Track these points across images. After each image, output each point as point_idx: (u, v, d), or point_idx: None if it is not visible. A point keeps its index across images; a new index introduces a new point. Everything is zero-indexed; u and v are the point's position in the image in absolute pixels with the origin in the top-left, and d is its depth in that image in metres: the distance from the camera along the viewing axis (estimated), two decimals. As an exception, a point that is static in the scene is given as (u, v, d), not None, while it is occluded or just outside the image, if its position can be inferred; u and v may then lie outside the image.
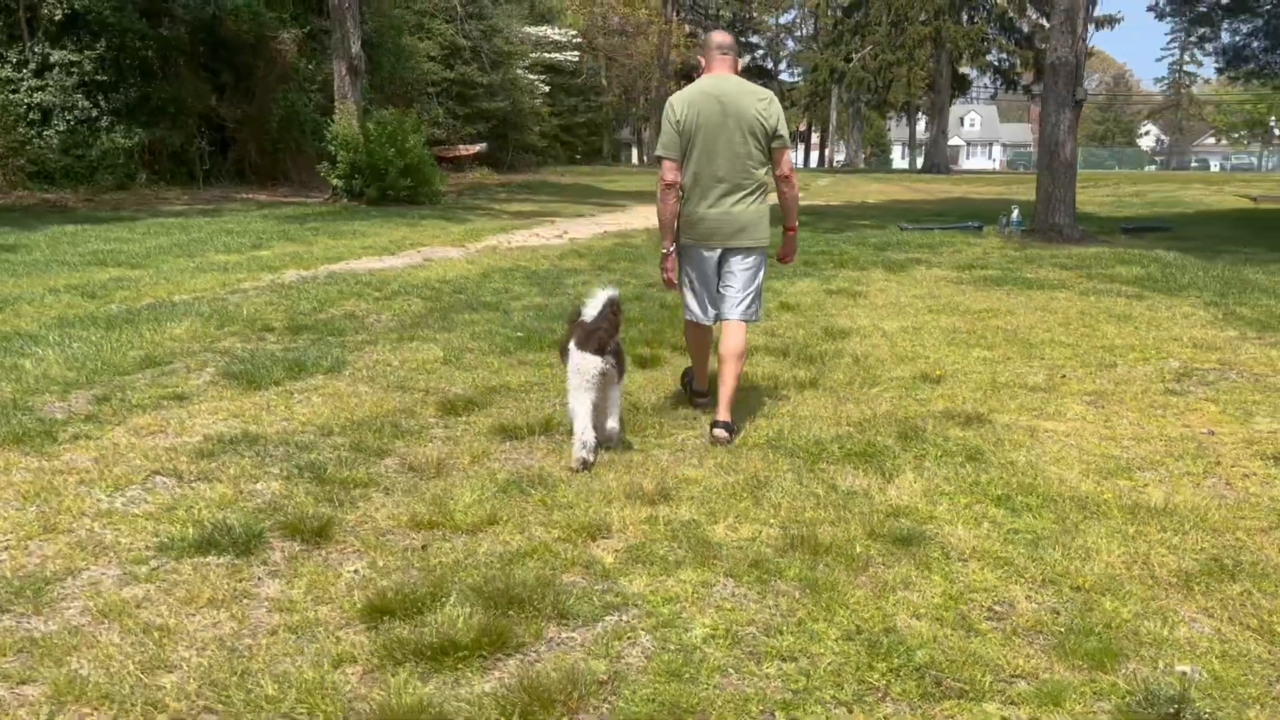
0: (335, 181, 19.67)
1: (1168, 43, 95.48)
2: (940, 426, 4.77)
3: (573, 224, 16.47)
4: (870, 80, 39.96)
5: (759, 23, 71.25)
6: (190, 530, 3.50)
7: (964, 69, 42.75)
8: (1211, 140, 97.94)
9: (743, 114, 4.63)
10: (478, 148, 36.24)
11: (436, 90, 35.80)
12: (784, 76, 72.30)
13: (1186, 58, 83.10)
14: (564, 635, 2.85)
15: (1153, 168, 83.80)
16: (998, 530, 3.54)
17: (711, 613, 2.97)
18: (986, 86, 47.39)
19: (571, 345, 4.36)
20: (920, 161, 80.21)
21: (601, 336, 4.32)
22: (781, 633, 2.84)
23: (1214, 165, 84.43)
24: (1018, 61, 40.36)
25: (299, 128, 23.26)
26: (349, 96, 19.68)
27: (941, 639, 2.79)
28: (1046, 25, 40.22)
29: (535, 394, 5.45)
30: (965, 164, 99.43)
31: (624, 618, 2.95)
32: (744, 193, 4.72)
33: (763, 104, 4.68)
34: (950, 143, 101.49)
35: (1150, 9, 15.29)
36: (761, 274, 4.92)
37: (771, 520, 3.65)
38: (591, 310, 4.42)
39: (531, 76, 42.58)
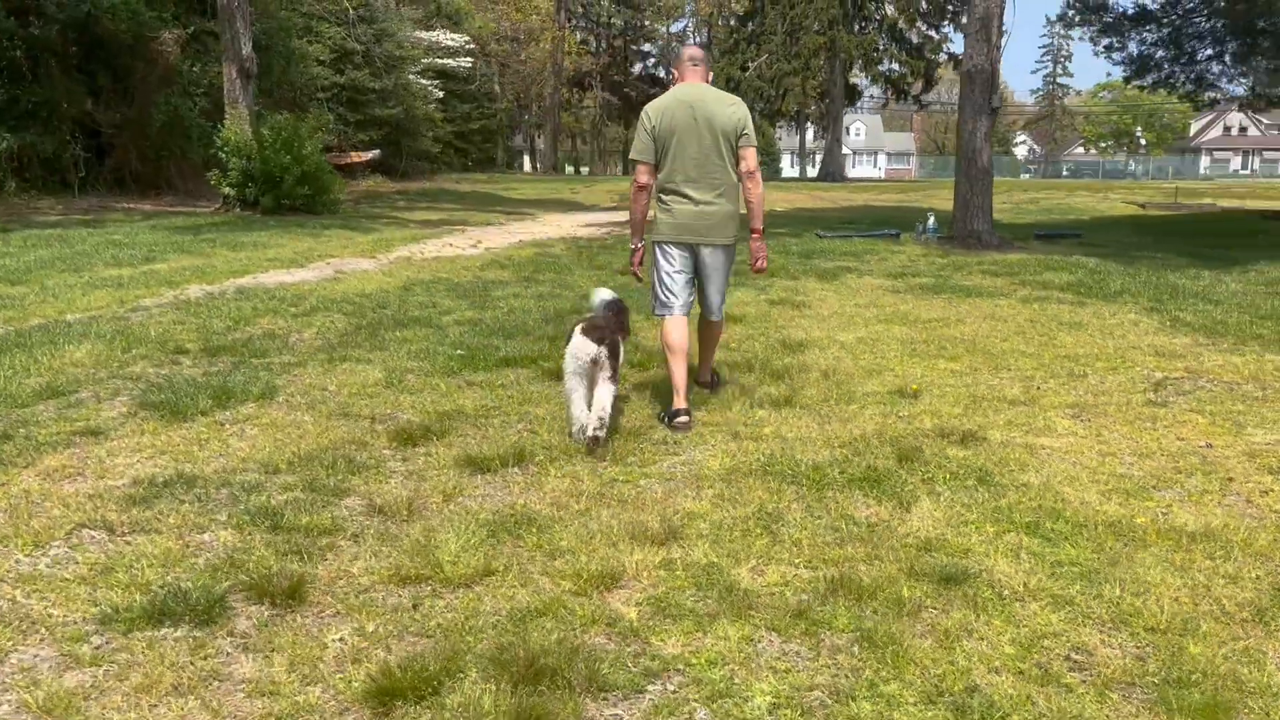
0: (227, 190, 18.66)
1: (1041, 55, 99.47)
2: (937, 446, 4.52)
3: (484, 233, 15.94)
4: (766, 89, 40.33)
5: (651, 31, 71.37)
6: (136, 597, 2.98)
7: (855, 79, 43.51)
8: (1080, 150, 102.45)
9: (713, 119, 4.92)
10: (371, 155, 35.17)
11: (326, 96, 34.64)
12: (676, 85, 72.56)
13: (1059, 70, 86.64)
14: (608, 713, 2.46)
15: (1027, 175, 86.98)
16: (1041, 563, 3.28)
17: (768, 676, 2.61)
18: (874, 96, 48.39)
19: (576, 331, 4.59)
20: (811, 170, 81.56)
21: (602, 329, 4.59)
22: (854, 698, 2.51)
23: (1083, 173, 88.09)
24: (909, 72, 41.26)
25: (184, 133, 22.05)
26: (240, 100, 18.71)
27: (1034, 698, 2.50)
28: (935, 37, 41.33)
29: (495, 419, 5.01)
30: (851, 172, 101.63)
31: (669, 687, 2.57)
32: (716, 192, 5.00)
33: (731, 109, 5.00)
34: (843, 151, 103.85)
35: (1059, 19, 15.65)
36: (727, 267, 5.27)
37: (797, 560, 3.32)
38: (599, 307, 4.97)
39: (424, 82, 41.66)
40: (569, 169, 72.44)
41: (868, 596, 3.02)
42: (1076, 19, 15.01)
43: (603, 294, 5.08)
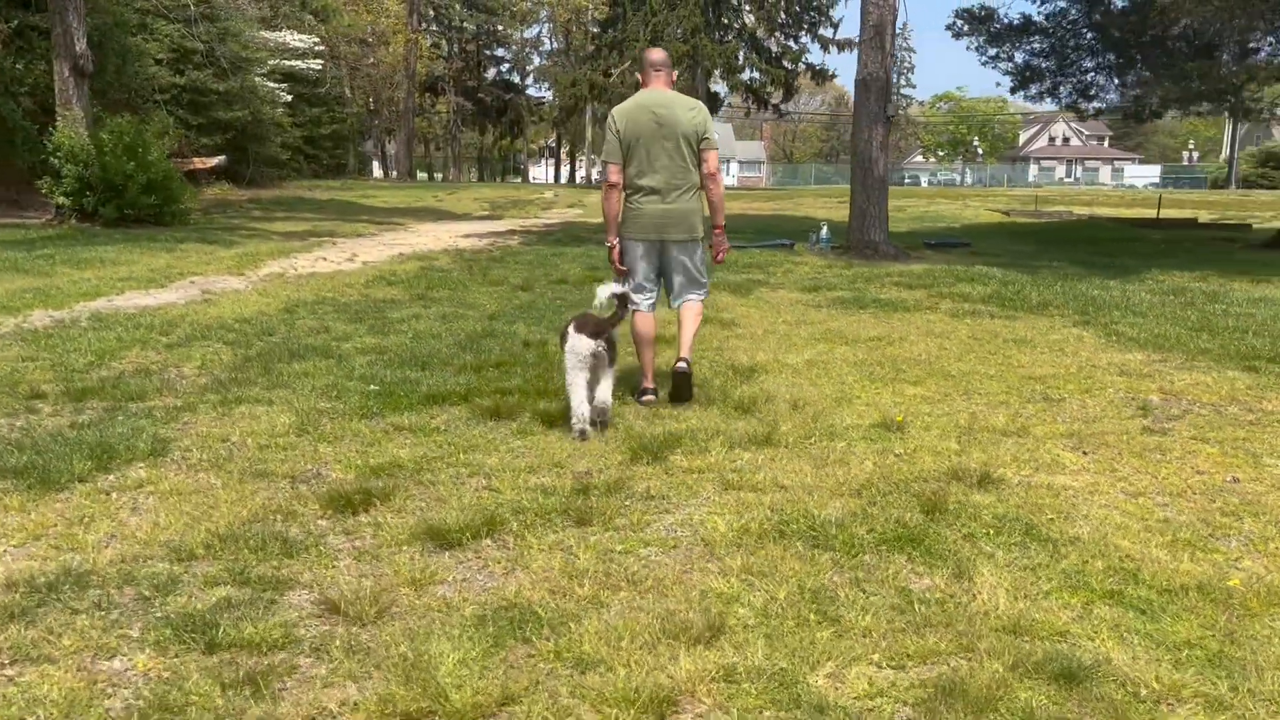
0: (61, 199, 16.95)
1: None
2: (957, 493, 4.04)
3: (357, 245, 14.90)
4: (630, 95, 39.93)
5: (505, 36, 70.25)
6: (37, 777, 2.17)
7: (715, 87, 43.68)
8: (920, 158, 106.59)
9: (676, 122, 5.24)
10: (216, 161, 33.09)
11: (165, 98, 32.39)
12: (531, 91, 71.72)
13: (902, 82, 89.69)
14: None
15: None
16: (1156, 647, 2.81)
17: (922, 843, 2.03)
18: (732, 105, 48.76)
19: (570, 329, 4.87)
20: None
21: (597, 324, 4.89)
22: None
23: (923, 181, 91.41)
24: (769, 81, 41.64)
25: (7, 137, 20.03)
26: (74, 101, 17.06)
27: None
28: (794, 47, 41.90)
29: (442, 474, 4.27)
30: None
31: None
32: (679, 191, 5.32)
33: (693, 113, 5.31)
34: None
35: (948, 28, 15.73)
36: (700, 256, 5.58)
37: (876, 656, 2.75)
38: (597, 303, 5.05)
39: (272, 85, 39.59)
40: (421, 175, 70.60)
41: (985, 709, 2.48)
42: (965, 29, 15.16)
43: (612, 287, 5.11)
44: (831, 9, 40.51)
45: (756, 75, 41.65)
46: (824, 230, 14.27)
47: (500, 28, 69.38)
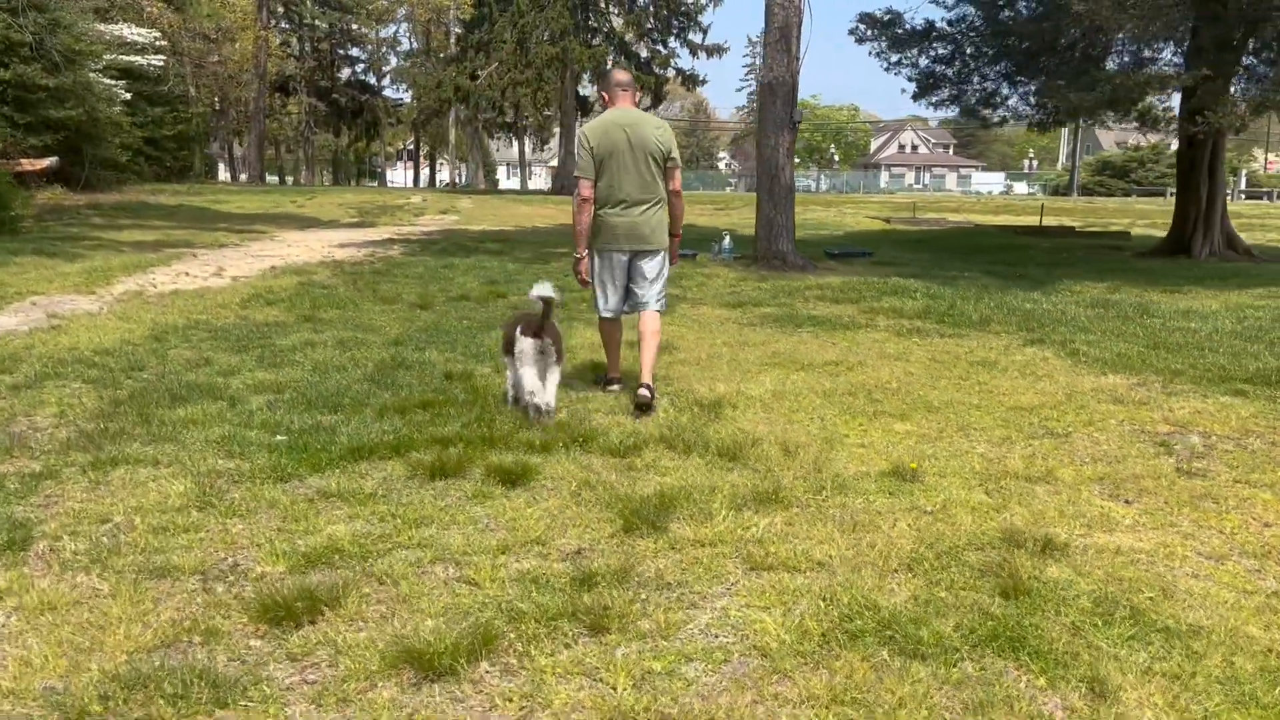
0: None
1: (745, 74, 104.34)
2: (1027, 566, 3.42)
3: (221, 257, 13.55)
4: (497, 99, 38.89)
5: (359, 35, 67.82)
6: None
7: (584, 91, 42.94)
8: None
9: (644, 141, 5.49)
10: (47, 163, 30.38)
11: (-14, 93, 29.62)
12: (388, 92, 69.48)
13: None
14: None
15: (729, 189, 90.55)
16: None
17: None
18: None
19: (518, 333, 5.14)
20: (534, 182, 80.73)
21: (540, 323, 5.12)
22: None
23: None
24: (639, 86, 41.09)
25: None
26: (-117, 94, 15.05)
27: None
28: (663, 51, 41.61)
29: (398, 561, 3.41)
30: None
31: None
32: (646, 205, 5.58)
33: (659, 132, 5.59)
34: (552, 163, 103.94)
35: (851, 33, 15.47)
36: (666, 270, 5.86)
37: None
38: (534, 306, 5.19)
39: (109, 82, 36.81)
40: (272, 179, 67.45)
41: None
42: (869, 33, 14.85)
43: (542, 289, 5.18)
44: (700, 14, 40.35)
45: (627, 80, 41.20)
46: (726, 240, 13.74)
47: (355, 26, 66.99)
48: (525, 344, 5.09)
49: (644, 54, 41.39)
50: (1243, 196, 56.58)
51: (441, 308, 9.26)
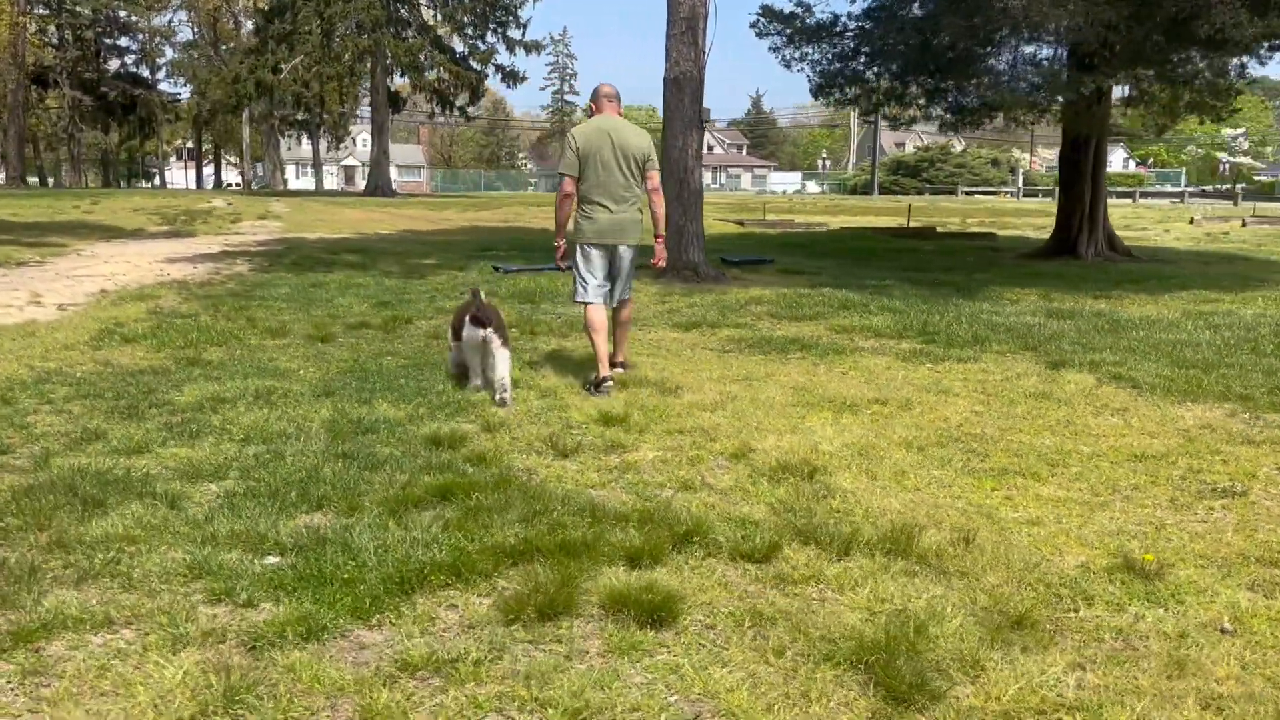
0: None
1: (549, 73, 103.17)
2: None
3: (27, 279, 11.29)
4: (302, 94, 36.04)
5: (129, 23, 62.15)
6: None
7: (395, 87, 40.64)
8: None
9: (627, 146, 5.99)
10: None
11: None
12: (165, 86, 64.06)
13: (566, 87, 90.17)
14: None
15: (530, 189, 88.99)
16: None
17: None
18: (417, 106, 45.87)
19: (466, 323, 5.73)
20: (330, 182, 76.81)
21: (486, 314, 5.74)
22: None
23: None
24: (457, 82, 39.19)
25: None
26: None
27: None
28: (482, 47, 39.95)
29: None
30: (362, 184, 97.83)
31: None
32: (628, 203, 6.07)
33: (640, 138, 6.11)
34: (346, 162, 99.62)
35: (752, 26, 14.61)
36: (633, 263, 6.29)
37: None
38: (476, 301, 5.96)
39: None
40: (32, 179, 60.88)
41: None
42: (771, 29, 14.01)
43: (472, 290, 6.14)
44: (520, 8, 38.89)
45: (445, 75, 39.19)
46: (623, 249, 12.63)
47: (124, 13, 61.38)
48: (475, 333, 5.67)
49: (460, 48, 39.58)
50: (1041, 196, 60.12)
51: (347, 340, 7.74)
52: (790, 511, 3.98)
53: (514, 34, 38.85)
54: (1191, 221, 26.73)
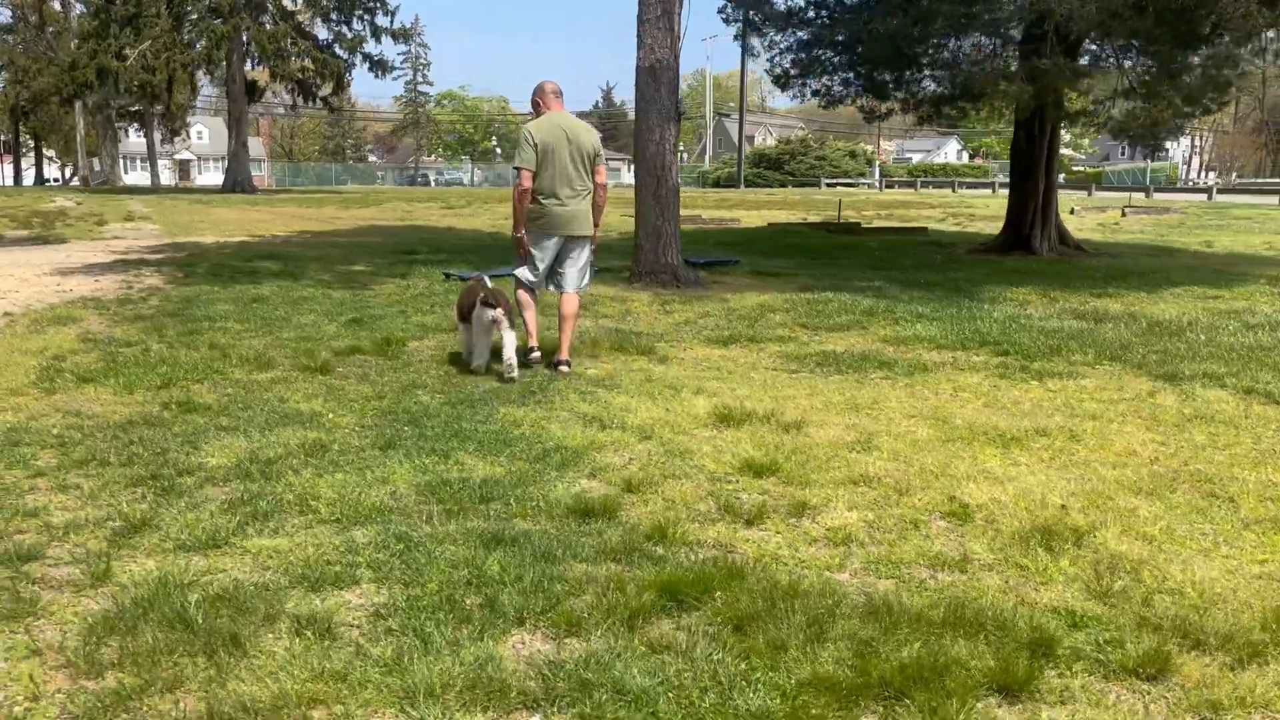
0: None
1: (400, 62, 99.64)
2: None
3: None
4: (151, 82, 33.10)
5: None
6: None
7: (255, 75, 38.01)
8: (429, 157, 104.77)
9: (578, 141, 6.37)
10: None
11: None
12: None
13: (419, 78, 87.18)
14: None
15: (378, 182, 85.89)
16: None
17: None
18: (275, 95, 43.07)
19: (478, 305, 6.08)
20: (166, 177, 72.04)
21: (497, 297, 6.09)
22: None
23: (432, 181, 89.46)
24: (324, 72, 36.85)
25: None
26: None
27: None
28: (348, 35, 37.82)
29: None
30: (200, 180, 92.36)
31: None
32: (579, 197, 6.42)
33: (589, 134, 6.51)
34: (180, 156, 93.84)
35: (719, 12, 13.70)
36: (588, 256, 6.68)
37: None
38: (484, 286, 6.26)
39: None
40: None
41: None
42: (736, 14, 13.17)
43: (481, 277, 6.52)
44: (389, -6, 36.86)
45: (309, 64, 36.86)
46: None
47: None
48: (486, 314, 6.05)
49: (327, 36, 37.35)
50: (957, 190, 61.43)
51: (349, 370, 6.60)
52: (1107, 596, 3.24)
53: (382, 21, 36.92)
54: (1072, 212, 27.46)
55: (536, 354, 6.54)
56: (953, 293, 10.42)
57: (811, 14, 13.41)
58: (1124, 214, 26.73)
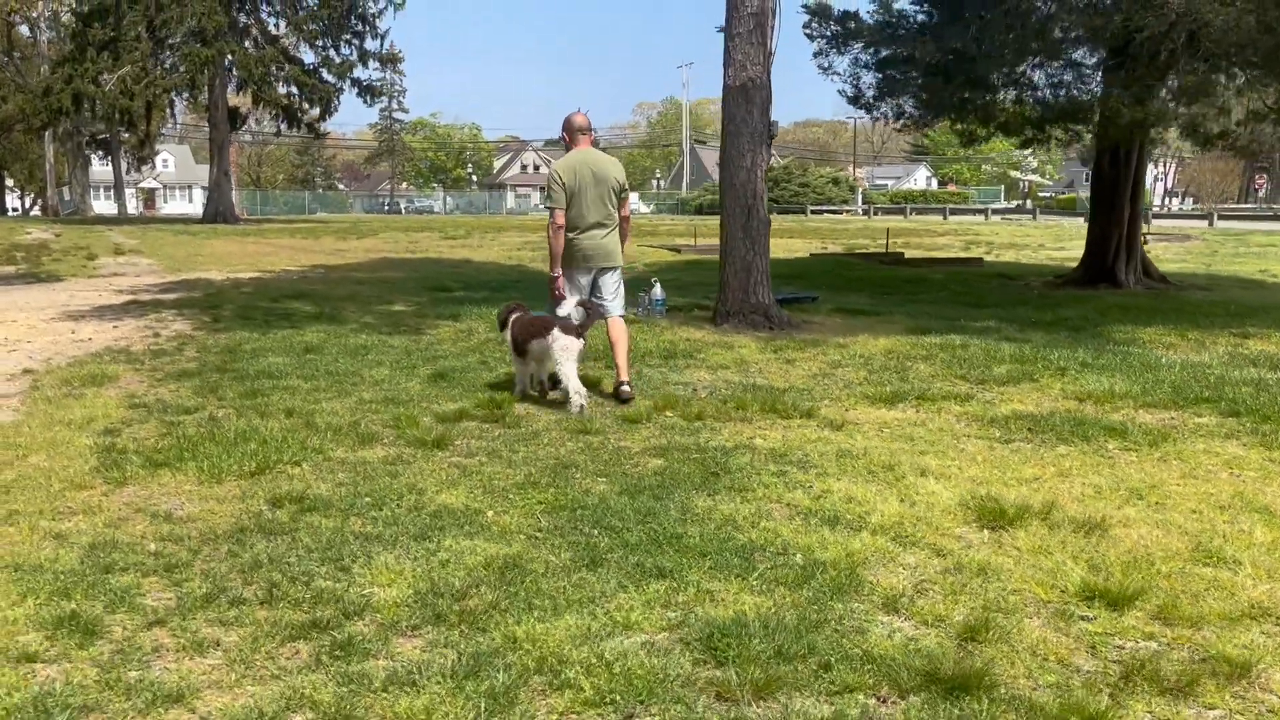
0: None
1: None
2: None
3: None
4: (130, 108, 31.68)
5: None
6: None
7: (237, 101, 36.68)
8: (403, 185, 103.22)
9: (605, 176, 6.57)
10: None
11: None
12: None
13: (395, 105, 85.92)
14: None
15: (350, 210, 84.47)
16: None
17: None
18: (258, 121, 41.68)
19: (557, 330, 6.12)
20: (134, 206, 70.24)
21: (579, 327, 6.18)
22: None
23: (403, 209, 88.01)
24: (313, 96, 35.56)
25: None
26: None
27: None
28: (337, 59, 36.62)
29: None
30: (165, 208, 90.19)
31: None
32: (607, 230, 6.63)
33: (616, 168, 6.70)
34: (145, 184, 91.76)
35: (804, 27, 12.62)
36: (622, 282, 6.87)
37: None
38: (564, 312, 6.29)
39: None
40: None
41: None
42: (819, 29, 12.18)
43: (570, 304, 6.34)
44: (378, 18, 35.79)
45: (295, 89, 35.57)
46: (656, 289, 10.61)
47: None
48: (574, 344, 6.13)
49: (314, 60, 36.09)
50: (953, 216, 60.97)
51: (464, 444, 5.47)
52: None
53: (371, 45, 35.76)
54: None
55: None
56: (1077, 333, 9.42)
57: (902, 32, 12.44)
58: (1146, 241, 26.06)
